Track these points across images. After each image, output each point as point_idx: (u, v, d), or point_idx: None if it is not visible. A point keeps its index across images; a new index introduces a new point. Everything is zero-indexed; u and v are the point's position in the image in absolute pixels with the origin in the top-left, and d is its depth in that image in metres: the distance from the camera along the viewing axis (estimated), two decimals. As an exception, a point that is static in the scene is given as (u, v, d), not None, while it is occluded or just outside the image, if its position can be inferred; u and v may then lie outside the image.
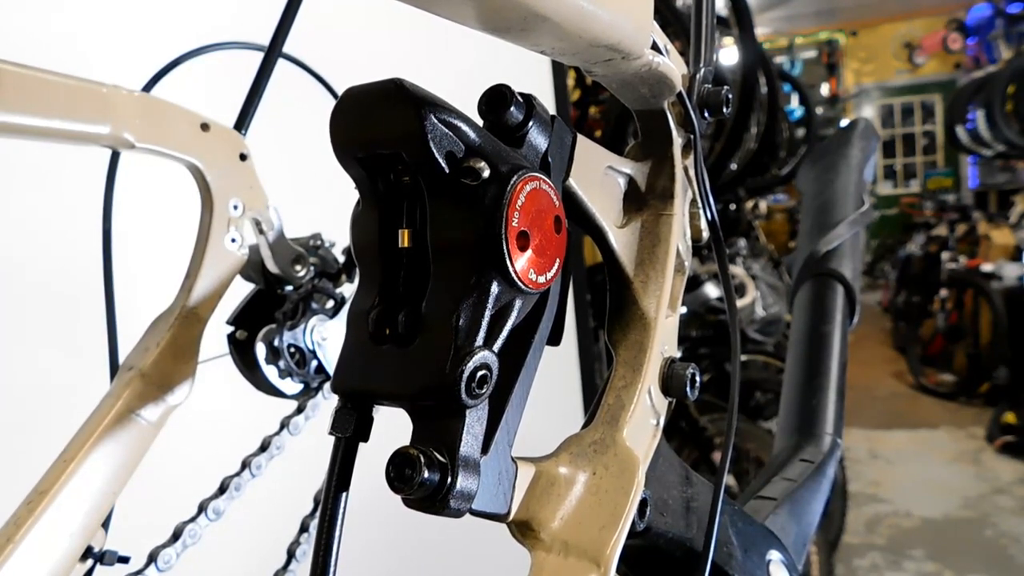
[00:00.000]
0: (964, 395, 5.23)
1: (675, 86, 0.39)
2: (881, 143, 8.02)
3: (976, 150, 7.21)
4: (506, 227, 0.28)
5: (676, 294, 0.41)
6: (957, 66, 9.13)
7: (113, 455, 0.57)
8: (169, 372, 0.61)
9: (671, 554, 0.39)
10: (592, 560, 0.32)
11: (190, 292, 0.63)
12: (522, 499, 0.32)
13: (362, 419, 0.30)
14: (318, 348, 0.77)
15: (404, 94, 0.29)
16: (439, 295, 0.29)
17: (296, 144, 1.13)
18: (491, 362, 0.28)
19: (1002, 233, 5.53)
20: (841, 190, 0.82)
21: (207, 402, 0.74)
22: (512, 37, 0.29)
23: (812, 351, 0.72)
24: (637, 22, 0.33)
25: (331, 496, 0.30)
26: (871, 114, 9.81)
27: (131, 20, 1.21)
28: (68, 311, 1.07)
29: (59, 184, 1.09)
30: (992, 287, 4.95)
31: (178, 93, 0.66)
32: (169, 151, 0.62)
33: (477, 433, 0.29)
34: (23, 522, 0.52)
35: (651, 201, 0.41)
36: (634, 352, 0.39)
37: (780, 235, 7.11)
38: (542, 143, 0.32)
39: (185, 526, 0.69)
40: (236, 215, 0.67)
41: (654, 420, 0.38)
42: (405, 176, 0.30)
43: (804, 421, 0.67)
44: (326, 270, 0.79)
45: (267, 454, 0.76)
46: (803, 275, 0.78)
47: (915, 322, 5.87)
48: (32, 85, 0.52)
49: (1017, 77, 6.44)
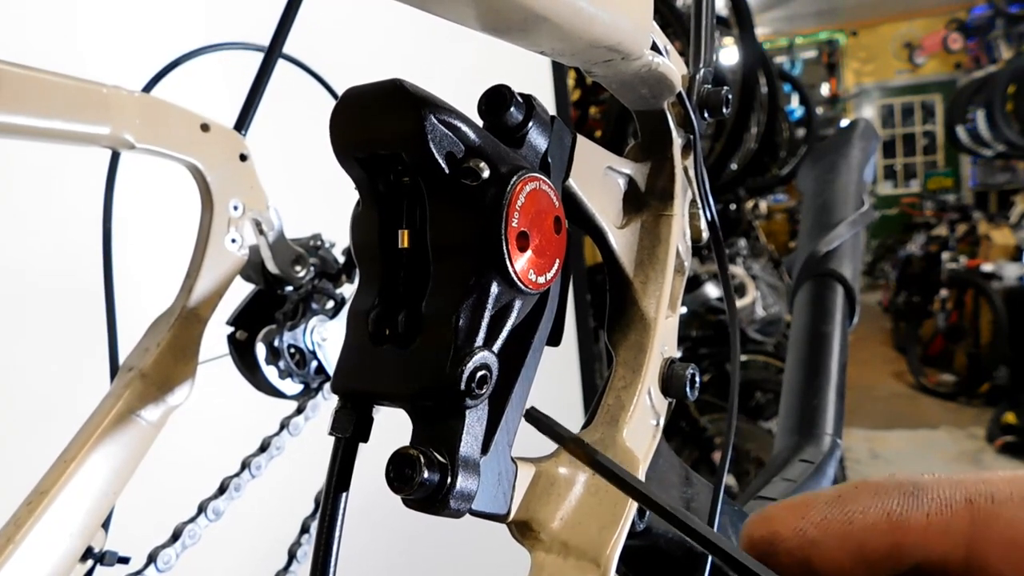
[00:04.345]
0: (964, 395, 5.23)
1: (675, 86, 0.39)
2: (881, 143, 8.04)
3: (976, 150, 7.22)
4: (506, 228, 0.28)
5: (676, 294, 0.41)
6: (957, 66, 9.13)
7: (113, 455, 0.57)
8: (169, 372, 0.61)
9: (671, 554, 0.39)
10: (592, 561, 0.32)
11: (190, 292, 0.63)
12: (522, 499, 0.32)
13: (362, 419, 0.30)
14: (318, 348, 0.77)
15: (404, 94, 0.29)
16: (439, 295, 0.29)
17: (296, 144, 1.13)
18: (491, 362, 0.29)
19: (1002, 233, 5.53)
20: (841, 190, 0.82)
21: (207, 402, 0.74)
22: (512, 38, 0.29)
23: (812, 351, 0.72)
24: (637, 23, 0.33)
25: (331, 497, 0.30)
26: (871, 114, 9.81)
27: (131, 20, 1.21)
28: (68, 311, 1.07)
29: (59, 184, 1.09)
30: (992, 287, 4.95)
31: (178, 93, 0.66)
32: (169, 152, 0.62)
33: (477, 433, 0.29)
34: (23, 522, 0.52)
35: (651, 201, 0.41)
36: (634, 352, 0.39)
37: (780, 235, 7.12)
38: (542, 143, 0.32)
39: (185, 526, 0.69)
40: (236, 215, 0.67)
41: (654, 420, 0.38)
42: (405, 176, 0.30)
43: (804, 421, 0.67)
44: (326, 270, 0.79)
45: (267, 454, 0.76)
46: (803, 275, 0.78)
47: (915, 322, 5.87)
48: (32, 85, 0.52)
49: (1017, 77, 6.44)
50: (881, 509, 0.22)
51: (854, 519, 0.22)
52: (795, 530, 0.22)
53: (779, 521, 0.23)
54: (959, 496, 0.21)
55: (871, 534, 0.21)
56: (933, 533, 0.21)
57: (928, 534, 0.21)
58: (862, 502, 0.22)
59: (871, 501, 0.22)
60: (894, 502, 0.22)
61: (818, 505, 0.22)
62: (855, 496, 0.22)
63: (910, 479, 0.22)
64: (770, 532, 0.22)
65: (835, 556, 0.22)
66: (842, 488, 0.23)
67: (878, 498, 0.22)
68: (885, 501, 0.22)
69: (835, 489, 0.23)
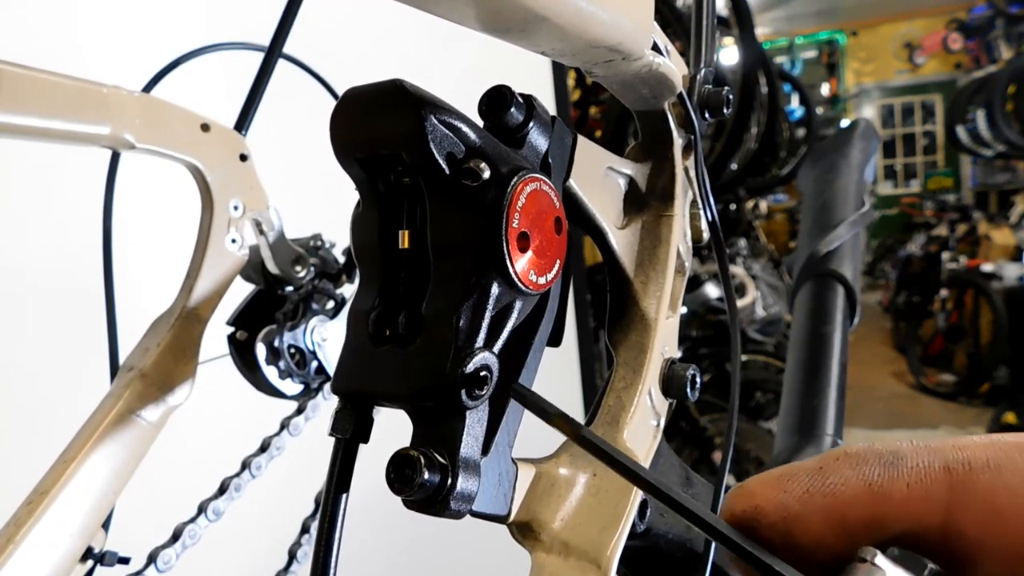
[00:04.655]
0: (964, 395, 5.23)
1: (675, 87, 0.39)
2: (881, 143, 8.03)
3: (976, 150, 7.22)
4: (506, 228, 0.28)
5: (676, 295, 0.41)
6: (957, 66, 9.13)
7: (113, 455, 0.57)
8: (169, 372, 0.61)
9: (671, 555, 0.39)
10: (593, 561, 0.32)
11: (190, 292, 0.63)
12: (522, 500, 0.32)
13: (362, 420, 0.30)
14: (318, 349, 0.77)
15: (404, 95, 0.29)
16: (439, 296, 0.29)
17: (296, 144, 1.13)
18: (491, 363, 0.28)
19: (1002, 233, 5.53)
20: (841, 190, 0.82)
21: (207, 402, 0.74)
22: (512, 38, 0.29)
23: (812, 351, 0.72)
24: (637, 23, 0.33)
25: (331, 497, 0.30)
26: (871, 114, 9.81)
27: (131, 20, 1.21)
28: (68, 311, 1.07)
29: (59, 184, 1.09)
30: (992, 287, 4.95)
31: (178, 93, 0.66)
32: (169, 151, 0.62)
33: (477, 434, 0.29)
34: (23, 522, 0.52)
35: (651, 202, 0.41)
36: (634, 353, 0.39)
37: (780, 235, 7.11)
38: (542, 144, 0.32)
39: (185, 527, 0.69)
40: (236, 216, 0.67)
41: (654, 421, 0.38)
42: (405, 177, 0.30)
43: (804, 421, 0.67)
44: (326, 271, 0.79)
45: (267, 455, 0.76)
46: (803, 275, 0.78)
47: (915, 322, 5.87)
48: (32, 85, 0.52)
49: (1017, 77, 6.44)
50: (862, 480, 0.21)
51: (835, 491, 0.22)
52: (777, 504, 0.22)
53: (760, 495, 0.22)
54: (937, 464, 0.21)
55: (852, 506, 0.21)
56: (912, 502, 0.21)
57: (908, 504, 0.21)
58: (843, 473, 0.22)
59: (851, 472, 0.22)
60: (874, 472, 0.21)
61: (799, 477, 0.22)
62: (836, 467, 0.22)
63: (889, 448, 0.22)
64: (752, 506, 0.22)
65: (817, 529, 0.21)
66: (823, 459, 0.23)
67: (858, 468, 0.22)
68: (865, 471, 0.22)
69: (816, 460, 0.23)
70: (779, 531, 0.22)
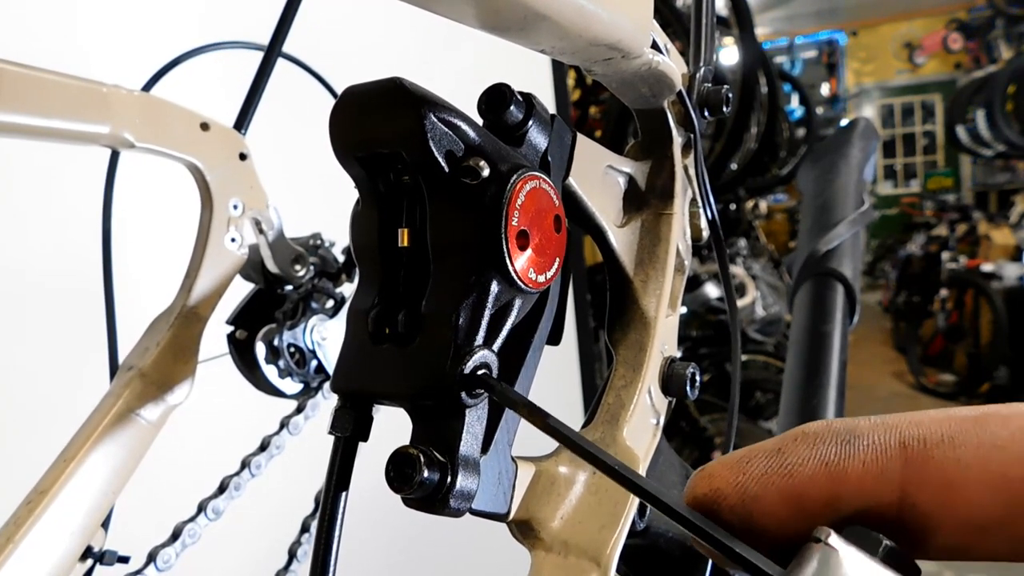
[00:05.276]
0: (964, 395, 5.23)
1: (675, 85, 0.39)
2: (881, 143, 8.02)
3: (976, 150, 7.22)
4: (506, 226, 0.28)
5: (676, 293, 0.41)
6: (957, 66, 9.13)
7: (113, 455, 0.57)
8: (169, 372, 0.61)
9: (671, 554, 0.39)
10: (592, 560, 0.32)
11: (190, 292, 0.63)
12: (522, 499, 0.32)
13: (361, 419, 0.30)
14: (318, 348, 0.77)
15: (404, 93, 0.29)
16: (439, 294, 0.29)
17: (296, 144, 1.13)
18: (491, 361, 0.28)
19: (1002, 233, 5.53)
20: (841, 190, 0.82)
21: (207, 402, 0.74)
22: (512, 36, 0.29)
23: (812, 351, 0.72)
24: (637, 21, 0.33)
25: (331, 496, 0.30)
26: (871, 114, 9.80)
27: (131, 20, 1.21)
28: (68, 311, 1.07)
29: (59, 184, 1.09)
30: (992, 287, 4.94)
31: (178, 92, 0.66)
32: (169, 151, 0.62)
33: (477, 432, 0.29)
34: (23, 522, 0.52)
35: (651, 200, 0.41)
36: (634, 351, 0.39)
37: (780, 235, 7.11)
38: (542, 142, 0.32)
39: (184, 526, 0.69)
40: (236, 215, 0.67)
41: (654, 419, 0.38)
42: (405, 175, 0.30)
43: (804, 421, 0.66)
44: (326, 270, 0.79)
45: (267, 454, 0.76)
46: (803, 275, 0.78)
47: (915, 322, 5.87)
48: (32, 85, 0.52)
49: (1017, 77, 6.44)
50: (819, 460, 0.21)
51: (793, 472, 0.21)
52: (736, 486, 0.22)
53: (720, 478, 0.22)
54: (893, 441, 0.21)
55: (809, 486, 0.21)
56: (868, 480, 0.21)
57: (864, 482, 0.21)
58: (800, 453, 0.22)
59: (808, 452, 0.22)
60: (831, 452, 0.21)
61: (758, 459, 0.22)
62: (793, 448, 0.22)
63: (847, 426, 0.22)
64: (712, 489, 0.22)
65: (775, 510, 0.21)
66: (782, 440, 0.23)
67: (815, 448, 0.22)
68: (822, 451, 0.22)
69: (775, 441, 0.23)
70: (739, 513, 0.22)
